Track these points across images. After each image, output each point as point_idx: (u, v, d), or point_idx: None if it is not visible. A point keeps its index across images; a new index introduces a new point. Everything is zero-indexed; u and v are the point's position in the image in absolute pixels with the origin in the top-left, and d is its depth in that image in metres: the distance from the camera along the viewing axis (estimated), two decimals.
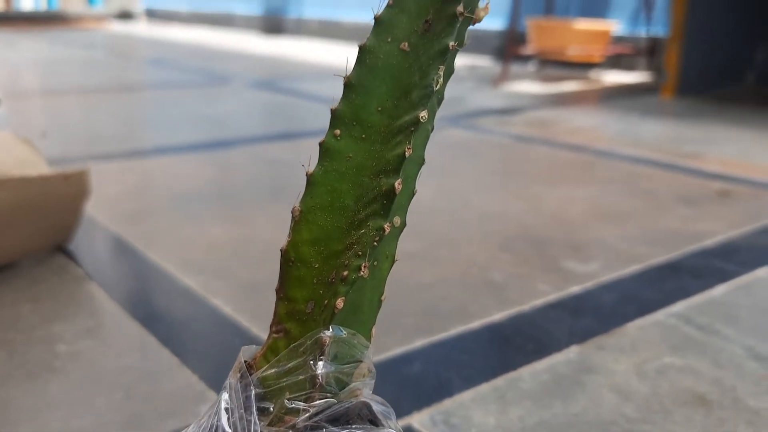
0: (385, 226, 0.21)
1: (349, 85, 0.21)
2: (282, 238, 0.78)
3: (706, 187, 0.94)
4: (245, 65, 2.48)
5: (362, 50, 0.21)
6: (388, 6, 0.21)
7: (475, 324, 0.55)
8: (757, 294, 0.60)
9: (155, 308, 0.59)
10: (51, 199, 0.64)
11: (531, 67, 2.31)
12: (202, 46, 3.26)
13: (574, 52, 1.97)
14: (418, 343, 0.52)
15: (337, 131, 0.21)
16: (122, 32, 4.12)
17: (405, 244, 0.26)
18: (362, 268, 0.21)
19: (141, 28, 4.46)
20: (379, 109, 0.21)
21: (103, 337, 0.53)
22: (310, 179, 0.22)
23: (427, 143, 0.22)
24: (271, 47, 3.13)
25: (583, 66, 2.19)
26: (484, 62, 2.48)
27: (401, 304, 0.58)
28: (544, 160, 1.10)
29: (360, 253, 0.21)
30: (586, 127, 1.35)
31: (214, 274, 0.64)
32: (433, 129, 0.22)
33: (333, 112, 0.21)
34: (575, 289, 0.61)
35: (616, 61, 2.15)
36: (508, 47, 1.97)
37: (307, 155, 0.99)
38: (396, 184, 0.20)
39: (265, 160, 1.09)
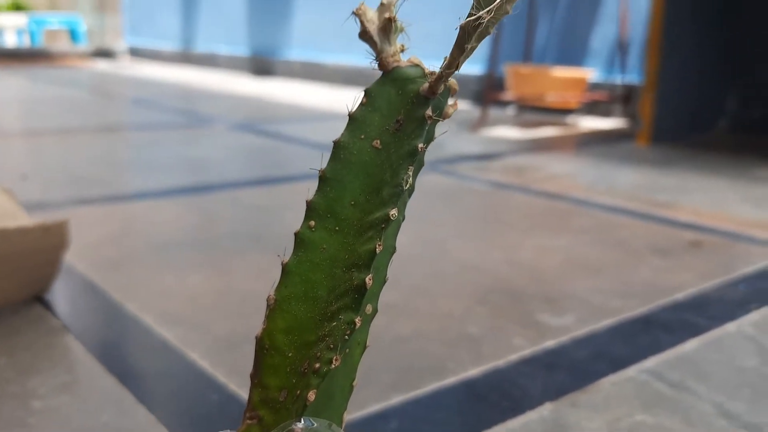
0: (356, 320, 0.22)
1: (324, 178, 0.22)
2: (260, 288, 0.78)
3: (679, 238, 0.96)
4: (228, 106, 2.49)
5: (337, 146, 0.22)
6: (361, 104, 0.22)
7: (452, 380, 0.55)
8: (727, 349, 0.62)
9: (132, 362, 0.59)
10: (30, 251, 0.64)
11: (509, 111, 2.36)
12: (186, 85, 3.29)
13: (552, 98, 2.01)
14: (395, 399, 0.52)
15: (312, 223, 0.22)
16: (105, 70, 4.13)
17: (383, 295, 0.26)
18: (333, 360, 0.22)
19: (124, 66, 4.48)
20: (353, 203, 0.22)
21: (79, 393, 0.52)
22: (285, 268, 0.23)
23: (398, 232, 0.23)
24: (254, 88, 3.16)
25: (561, 112, 2.24)
26: (464, 106, 2.52)
27: (378, 358, 0.58)
28: (521, 208, 1.12)
29: (332, 345, 0.22)
30: (563, 174, 1.38)
31: (191, 327, 0.64)
32: (404, 219, 0.23)
33: (308, 203, 0.22)
34: (550, 343, 0.62)
35: (592, 108, 2.19)
36: (487, 93, 2.01)
37: (287, 201, 1.01)
38: (367, 279, 0.21)
39: (245, 205, 1.10)
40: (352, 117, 0.22)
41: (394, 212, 0.21)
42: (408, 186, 0.21)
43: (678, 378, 0.56)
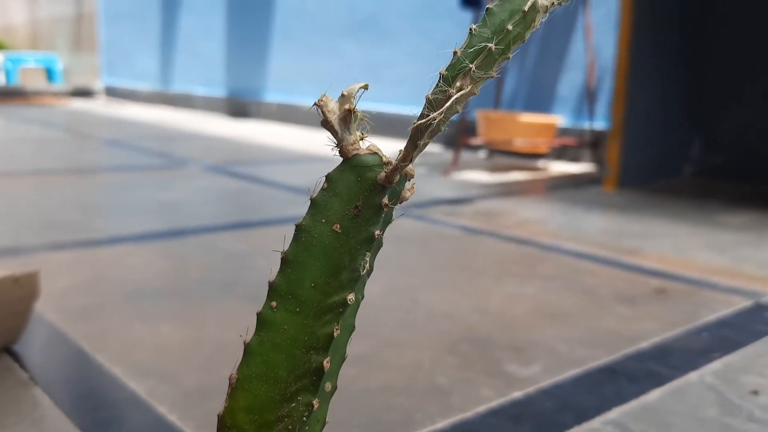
0: (314, 402, 0.23)
1: (285, 260, 0.23)
2: (231, 339, 0.79)
3: (644, 285, 0.98)
4: (203, 147, 2.50)
5: (299, 229, 0.23)
6: (322, 189, 0.23)
7: None
8: (689, 399, 0.63)
9: (100, 416, 0.58)
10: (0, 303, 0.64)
11: (481, 155, 2.40)
12: (162, 126, 3.29)
13: (521, 143, 2.05)
14: None
15: (274, 303, 0.23)
16: (81, 110, 4.13)
17: (353, 346, 0.27)
18: None
19: (100, 106, 4.48)
20: (313, 285, 0.23)
21: None
22: (247, 348, 0.24)
23: (357, 311, 0.24)
24: (230, 129, 3.18)
25: (531, 156, 2.28)
26: (436, 149, 2.56)
27: (346, 412, 0.59)
28: (491, 254, 1.14)
29: (290, 426, 0.23)
30: (532, 219, 1.40)
31: (161, 379, 0.64)
32: (363, 297, 0.24)
33: (270, 284, 0.23)
34: (517, 394, 0.63)
35: (561, 152, 2.24)
36: (459, 137, 2.04)
37: (261, 247, 1.01)
38: (324, 363, 0.22)
39: (218, 251, 1.10)
40: (314, 201, 0.23)
41: (351, 297, 0.22)
42: (365, 271, 0.23)
43: (641, 429, 0.57)
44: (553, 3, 0.22)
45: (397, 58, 2.87)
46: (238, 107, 3.78)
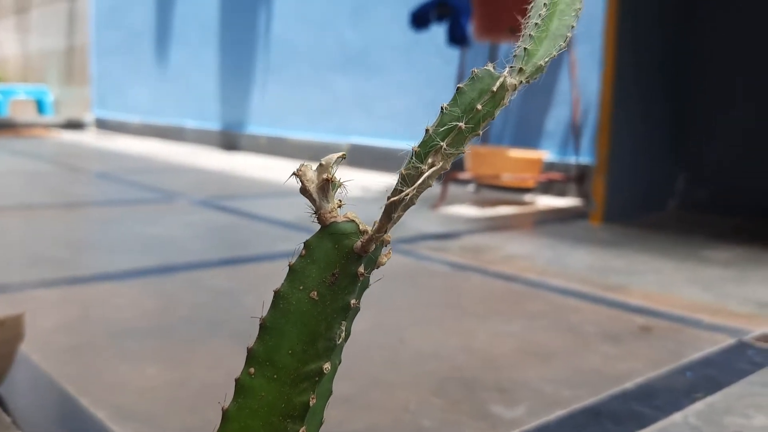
0: None
1: (264, 327, 0.24)
2: (217, 379, 0.79)
3: (629, 322, 0.99)
4: (193, 181, 2.51)
5: (277, 296, 0.24)
6: (300, 255, 0.24)
7: None
8: None
9: None
10: None
11: (469, 189, 2.42)
12: (152, 159, 3.30)
13: (509, 178, 2.07)
14: None
15: (252, 369, 0.24)
16: (72, 142, 4.14)
17: (339, 386, 0.28)
18: None
19: (91, 138, 4.49)
20: (290, 352, 0.24)
21: None
22: (226, 414, 0.24)
23: (334, 376, 0.25)
24: (220, 162, 3.19)
25: (518, 190, 2.30)
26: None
27: None
28: (477, 291, 1.15)
29: None
30: (519, 255, 1.41)
31: (145, 422, 0.64)
32: (340, 362, 0.25)
33: (249, 351, 0.24)
34: None
35: (548, 187, 2.26)
36: (447, 172, 2.06)
37: (249, 284, 1.01)
38: (300, 431, 0.23)
39: (206, 288, 1.10)
40: (292, 268, 0.24)
41: (327, 366, 0.23)
42: (341, 340, 0.23)
43: None
44: (521, 81, 0.23)
45: (386, 92, 2.90)
46: (229, 140, 3.80)
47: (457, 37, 1.97)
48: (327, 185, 0.24)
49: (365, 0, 2.98)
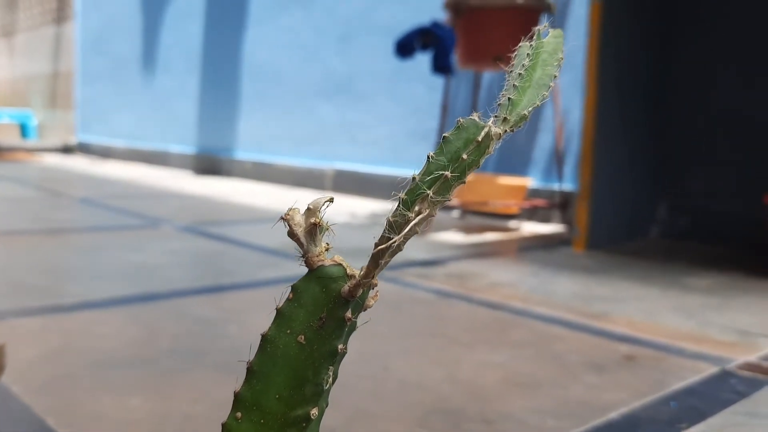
0: None
1: (251, 371, 0.24)
2: (200, 412, 0.78)
3: (613, 351, 1.00)
4: (177, 207, 2.50)
5: (264, 339, 0.24)
6: (288, 299, 0.24)
7: None
8: None
9: None
10: None
11: (454, 214, 2.43)
12: (136, 184, 3.29)
13: (493, 205, 2.08)
14: None
15: (239, 414, 0.24)
16: (55, 166, 4.11)
17: (325, 417, 0.28)
18: None
19: (75, 162, 4.47)
20: (277, 396, 0.24)
21: None
22: None
23: (321, 419, 0.25)
24: (204, 188, 3.19)
25: (503, 216, 2.32)
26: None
27: None
28: (462, 319, 1.15)
29: None
30: (504, 282, 1.42)
31: None
32: (327, 405, 0.25)
33: (236, 394, 0.24)
34: None
35: (532, 213, 2.28)
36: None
37: (233, 313, 1.01)
38: None
39: (189, 317, 1.09)
40: (279, 312, 0.24)
41: (314, 411, 0.23)
42: (328, 386, 0.24)
43: None
44: (505, 130, 0.23)
45: (370, 120, 2.92)
46: (214, 165, 3.79)
47: (442, 66, 1.99)
48: (314, 229, 0.24)
49: (351, 29, 3.01)
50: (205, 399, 0.77)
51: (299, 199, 2.85)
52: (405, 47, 2.07)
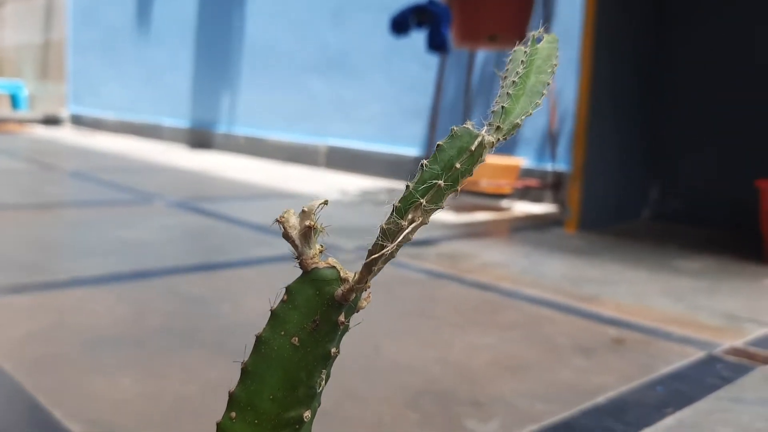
0: None
1: (245, 371, 0.24)
2: (192, 392, 0.78)
3: (602, 334, 1.01)
4: (169, 181, 2.49)
5: (259, 340, 0.24)
6: (282, 301, 0.24)
7: None
8: None
9: None
10: None
11: None
12: (128, 157, 3.27)
13: (486, 184, 2.09)
14: None
15: (233, 414, 0.24)
16: (46, 138, 4.08)
17: None
18: None
19: (66, 134, 4.43)
20: (271, 397, 0.24)
21: None
22: None
23: (314, 419, 0.25)
24: (196, 162, 3.17)
25: (495, 196, 2.32)
26: (403, 186, 2.58)
27: None
28: (453, 301, 1.16)
29: None
30: (495, 263, 1.42)
31: None
32: (320, 405, 0.25)
33: (230, 395, 0.24)
34: None
35: (524, 193, 2.29)
36: None
37: (225, 292, 1.01)
38: None
39: (181, 295, 1.10)
40: (274, 313, 0.24)
41: (307, 414, 0.23)
42: (321, 388, 0.24)
43: None
44: (498, 139, 0.23)
45: (364, 96, 2.90)
46: (206, 139, 3.77)
47: (437, 44, 1.98)
48: (309, 232, 0.24)
49: (345, 4, 2.98)
50: (197, 379, 0.78)
51: (292, 174, 2.84)
52: (400, 24, 2.06)
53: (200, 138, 3.81)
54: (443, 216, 1.99)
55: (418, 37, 2.47)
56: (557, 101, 2.20)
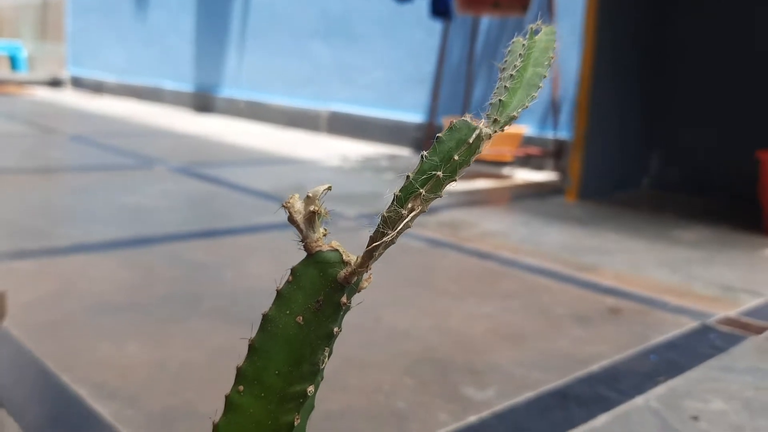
0: None
1: (252, 348, 0.25)
2: (196, 359, 0.80)
3: (599, 303, 1.02)
4: (171, 146, 2.49)
5: (265, 319, 0.25)
6: (287, 282, 0.25)
7: None
8: (633, 425, 0.67)
9: None
10: None
11: None
12: (128, 121, 3.26)
13: (487, 151, 2.09)
14: None
15: (241, 387, 0.25)
16: (46, 101, 4.06)
17: None
18: None
19: (67, 97, 4.41)
20: (277, 373, 0.25)
21: None
22: (216, 428, 0.26)
23: (317, 392, 0.27)
24: (198, 126, 3.17)
25: (496, 164, 2.32)
26: (404, 152, 2.58)
27: None
28: (452, 269, 1.17)
29: None
30: (495, 232, 1.44)
31: (125, 401, 0.65)
32: (322, 378, 0.26)
33: (238, 369, 0.25)
34: (472, 419, 0.66)
35: (526, 161, 2.29)
36: (427, 143, 2.07)
37: (228, 258, 1.03)
38: None
39: (184, 262, 1.11)
40: (280, 293, 0.26)
41: (311, 389, 0.25)
42: (323, 365, 0.25)
43: None
44: (495, 131, 0.24)
45: (366, 62, 2.88)
46: (208, 103, 3.76)
47: (440, 11, 1.96)
48: (313, 216, 0.25)
49: None
50: (202, 346, 0.79)
51: (294, 140, 2.84)
52: None
53: (202, 102, 3.80)
54: None
55: (421, 4, 2.44)
56: (560, 70, 2.19)
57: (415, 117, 2.65)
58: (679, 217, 1.70)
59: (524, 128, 2.20)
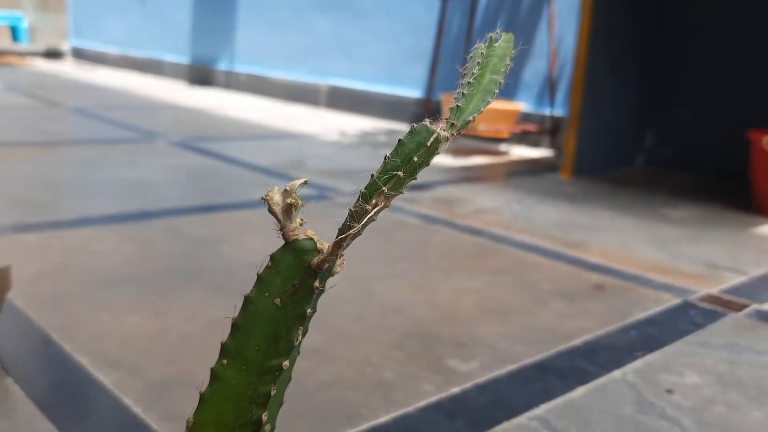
0: None
1: (235, 326, 0.28)
2: (194, 330, 0.83)
3: (585, 280, 1.05)
4: (171, 119, 2.51)
5: (246, 300, 0.28)
6: (267, 267, 0.28)
7: (364, 427, 0.62)
8: (609, 397, 0.70)
9: (70, 407, 0.63)
10: None
11: None
12: (130, 93, 3.27)
13: (484, 128, 2.11)
14: None
15: (225, 361, 0.28)
16: (47, 72, 4.07)
17: (310, 338, 0.32)
18: None
19: (67, 68, 4.41)
20: (257, 348, 0.28)
21: None
22: (202, 397, 0.29)
23: (293, 364, 0.30)
24: (198, 99, 3.18)
25: (493, 140, 2.34)
26: (403, 128, 2.60)
27: (299, 405, 0.64)
28: (445, 245, 1.20)
29: None
30: (488, 208, 1.46)
31: (127, 370, 0.69)
32: (299, 354, 0.29)
33: (222, 345, 0.28)
34: (455, 390, 0.69)
35: (522, 138, 2.31)
36: (424, 119, 2.09)
37: (226, 233, 1.06)
38: (263, 416, 0.28)
39: (184, 236, 1.14)
40: (260, 277, 0.28)
41: (286, 363, 0.28)
42: (298, 342, 0.28)
43: (564, 426, 0.64)
44: (452, 134, 0.27)
45: (366, 36, 2.89)
46: (207, 76, 3.76)
47: None
48: (290, 208, 0.28)
49: None
50: (199, 318, 0.83)
51: (293, 114, 2.85)
52: None
53: (201, 75, 3.80)
54: (440, 159, 2.02)
55: None
56: (558, 47, 2.20)
57: (414, 92, 2.66)
58: (671, 195, 1.72)
59: (521, 105, 2.21)
